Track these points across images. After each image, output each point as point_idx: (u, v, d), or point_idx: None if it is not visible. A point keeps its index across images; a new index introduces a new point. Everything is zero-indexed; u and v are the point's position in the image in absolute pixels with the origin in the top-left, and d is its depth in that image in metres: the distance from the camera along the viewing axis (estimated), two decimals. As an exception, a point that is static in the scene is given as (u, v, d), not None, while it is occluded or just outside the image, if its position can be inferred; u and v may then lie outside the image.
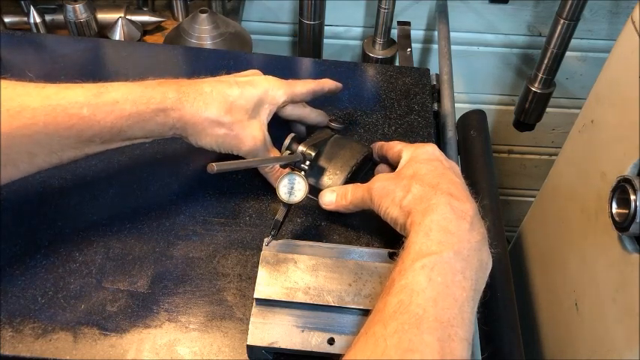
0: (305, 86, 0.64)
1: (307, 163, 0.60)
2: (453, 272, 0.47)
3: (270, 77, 0.63)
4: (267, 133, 0.61)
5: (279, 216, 0.57)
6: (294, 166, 0.60)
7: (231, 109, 0.58)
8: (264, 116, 0.61)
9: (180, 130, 0.58)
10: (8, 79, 0.53)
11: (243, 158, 0.60)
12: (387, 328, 0.44)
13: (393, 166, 0.62)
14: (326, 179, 0.62)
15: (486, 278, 0.50)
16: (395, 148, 0.61)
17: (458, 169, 0.58)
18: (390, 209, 0.54)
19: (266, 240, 0.57)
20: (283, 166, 0.60)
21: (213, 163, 0.49)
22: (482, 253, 0.50)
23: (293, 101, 0.64)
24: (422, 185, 0.53)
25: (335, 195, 0.60)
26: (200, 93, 0.57)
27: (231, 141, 0.59)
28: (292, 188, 0.57)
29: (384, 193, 0.55)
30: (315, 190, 0.62)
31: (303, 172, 0.58)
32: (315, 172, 0.62)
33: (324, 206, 0.61)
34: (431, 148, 0.58)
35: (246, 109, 0.59)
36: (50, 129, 0.51)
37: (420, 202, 0.52)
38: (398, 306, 0.44)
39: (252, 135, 0.59)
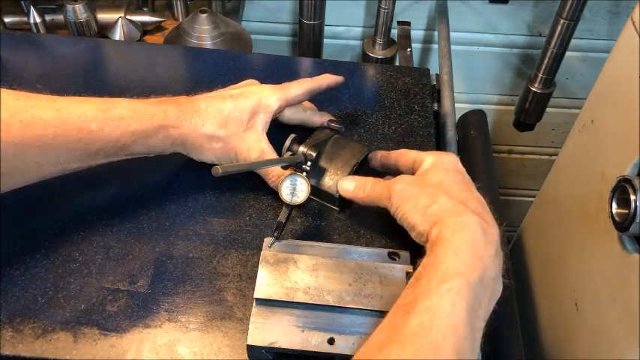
0: (300, 87, 0.64)
1: (309, 164, 0.60)
2: (474, 299, 0.46)
3: (263, 86, 0.63)
4: (265, 141, 0.61)
5: (282, 217, 0.57)
6: (295, 167, 0.60)
7: (226, 123, 0.59)
8: (261, 126, 0.61)
9: (180, 147, 0.60)
10: (18, 89, 0.54)
11: None
12: (404, 350, 0.43)
13: (396, 174, 0.61)
14: (327, 179, 0.62)
15: (492, 307, 0.49)
16: (408, 155, 0.59)
17: (474, 184, 0.57)
18: (410, 214, 0.53)
19: (267, 241, 0.57)
20: (284, 168, 0.60)
21: (218, 166, 0.50)
22: (498, 282, 0.49)
23: (289, 105, 0.64)
24: (450, 198, 0.52)
25: (354, 184, 0.60)
26: (196, 110, 0.59)
27: (229, 153, 0.60)
28: (294, 189, 0.57)
29: (406, 197, 0.54)
30: (316, 191, 0.62)
31: (304, 173, 0.58)
32: (315, 173, 0.62)
33: (340, 192, 0.60)
34: (454, 158, 0.57)
35: (242, 121, 0.60)
36: (59, 141, 0.53)
37: (448, 216, 0.51)
38: (418, 328, 0.44)
39: (247, 147, 0.60)
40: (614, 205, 0.66)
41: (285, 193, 0.57)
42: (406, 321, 0.44)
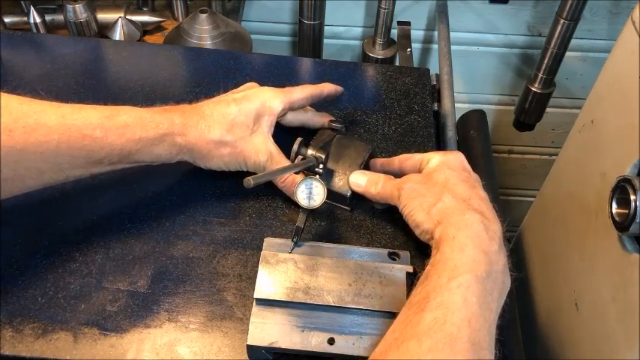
0: (302, 92, 0.64)
1: (320, 166, 0.60)
2: (484, 293, 0.47)
3: (265, 88, 0.63)
4: (272, 143, 0.61)
5: (300, 222, 0.56)
6: (306, 170, 0.60)
7: (233, 128, 0.59)
8: (266, 128, 0.61)
9: (186, 155, 0.59)
10: (19, 90, 0.54)
11: (254, 172, 0.60)
12: (421, 345, 0.44)
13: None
14: (337, 180, 0.62)
15: (504, 300, 0.50)
16: (414, 158, 0.61)
17: (480, 181, 0.58)
18: (416, 212, 0.55)
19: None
20: (296, 172, 0.60)
21: (249, 177, 0.51)
22: (506, 275, 0.50)
23: (292, 108, 0.64)
24: (454, 196, 0.53)
25: (366, 180, 0.60)
26: (202, 116, 0.58)
27: (237, 157, 0.60)
28: (310, 193, 0.57)
29: (414, 196, 0.55)
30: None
31: (318, 176, 0.58)
32: (324, 174, 0.62)
33: (351, 186, 0.61)
34: (460, 156, 0.58)
35: (247, 124, 0.60)
36: (62, 148, 0.52)
37: (452, 215, 0.52)
38: (433, 323, 0.45)
39: (255, 149, 0.60)
40: (614, 205, 0.66)
41: (302, 198, 0.57)
42: (421, 317, 0.45)
